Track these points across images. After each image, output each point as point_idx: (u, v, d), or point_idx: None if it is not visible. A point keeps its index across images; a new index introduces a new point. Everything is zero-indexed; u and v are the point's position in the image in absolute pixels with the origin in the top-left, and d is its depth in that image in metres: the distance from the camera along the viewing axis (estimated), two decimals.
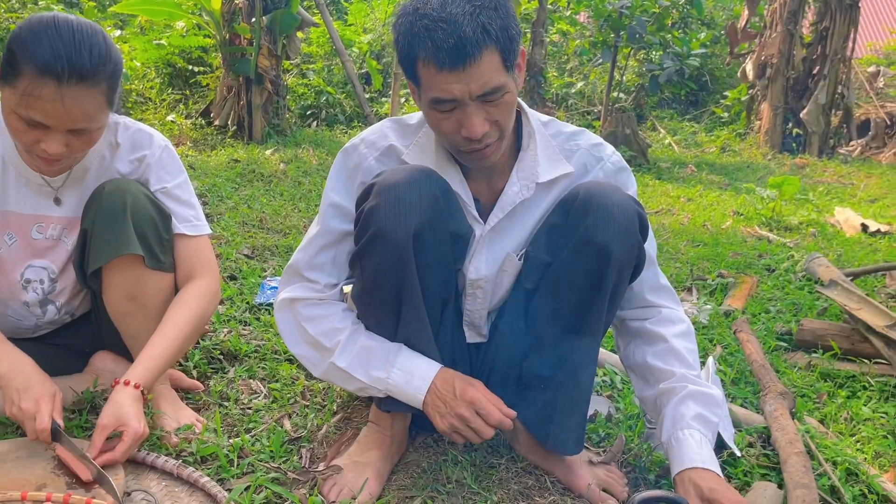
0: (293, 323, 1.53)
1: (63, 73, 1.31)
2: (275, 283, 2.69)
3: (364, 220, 1.38)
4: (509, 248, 1.54)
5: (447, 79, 1.27)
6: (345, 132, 7.35)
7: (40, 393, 1.44)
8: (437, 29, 1.24)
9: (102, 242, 1.53)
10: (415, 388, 1.43)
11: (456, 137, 1.36)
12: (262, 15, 6.06)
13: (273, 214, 3.76)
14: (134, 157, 1.64)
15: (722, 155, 7.91)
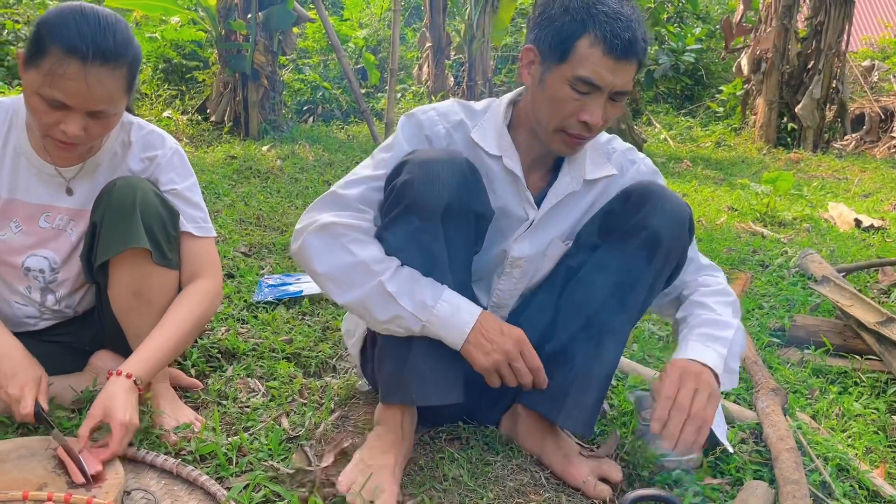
0: (333, 243, 1.47)
1: (88, 53, 1.37)
2: (272, 281, 2.71)
3: (397, 194, 1.44)
4: (553, 234, 1.65)
5: (607, 65, 1.40)
6: (341, 128, 7.36)
7: (25, 378, 1.49)
8: (617, 19, 1.39)
9: (111, 236, 1.56)
10: (461, 320, 1.43)
11: (571, 120, 1.47)
12: (257, 11, 6.06)
13: (270, 212, 3.77)
14: (145, 156, 1.67)
15: (717, 150, 7.93)
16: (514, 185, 1.61)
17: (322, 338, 2.30)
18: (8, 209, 1.61)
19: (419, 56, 8.71)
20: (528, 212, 1.63)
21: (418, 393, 1.49)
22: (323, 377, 2.08)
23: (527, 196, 1.62)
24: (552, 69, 1.47)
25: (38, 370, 1.54)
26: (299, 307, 2.54)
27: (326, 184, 4.62)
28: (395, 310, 1.44)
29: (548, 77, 1.48)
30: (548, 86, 1.48)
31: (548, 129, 1.52)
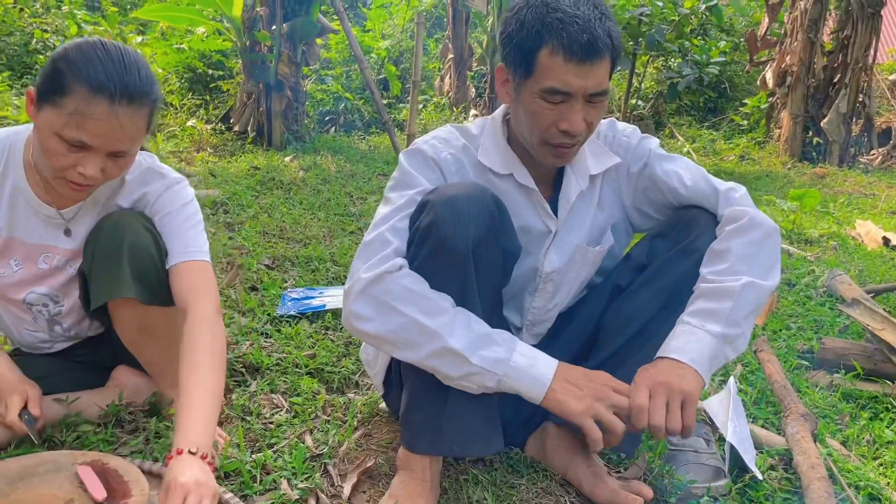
0: (378, 304, 1.39)
1: (115, 93, 1.33)
2: (296, 295, 2.71)
3: (422, 234, 1.40)
4: (576, 240, 1.64)
5: (571, 71, 1.38)
6: (362, 138, 7.39)
7: (10, 392, 1.52)
8: (572, 23, 1.36)
9: (98, 285, 1.53)
10: (540, 372, 1.38)
11: (551, 130, 1.45)
12: (282, 22, 6.10)
13: (293, 224, 3.79)
14: (138, 193, 1.62)
15: (741, 163, 7.86)
16: (529, 200, 1.61)
17: (345, 353, 2.30)
18: (8, 247, 1.58)
19: (441, 67, 8.74)
20: (548, 223, 1.62)
21: (459, 444, 1.46)
22: (346, 393, 2.07)
23: (544, 207, 1.60)
24: (522, 85, 1.45)
25: (24, 385, 1.56)
26: (322, 321, 2.54)
27: (349, 195, 4.63)
28: (467, 367, 1.37)
29: (521, 93, 1.47)
30: (522, 102, 1.47)
31: (533, 143, 1.50)
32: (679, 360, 1.38)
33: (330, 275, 3.06)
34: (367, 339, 1.47)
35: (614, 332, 1.61)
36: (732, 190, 1.56)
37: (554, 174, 1.65)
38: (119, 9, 9.94)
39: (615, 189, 1.68)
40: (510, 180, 1.60)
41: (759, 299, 1.45)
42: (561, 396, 1.37)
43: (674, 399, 1.33)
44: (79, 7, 8.22)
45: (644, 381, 1.37)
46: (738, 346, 1.45)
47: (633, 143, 1.66)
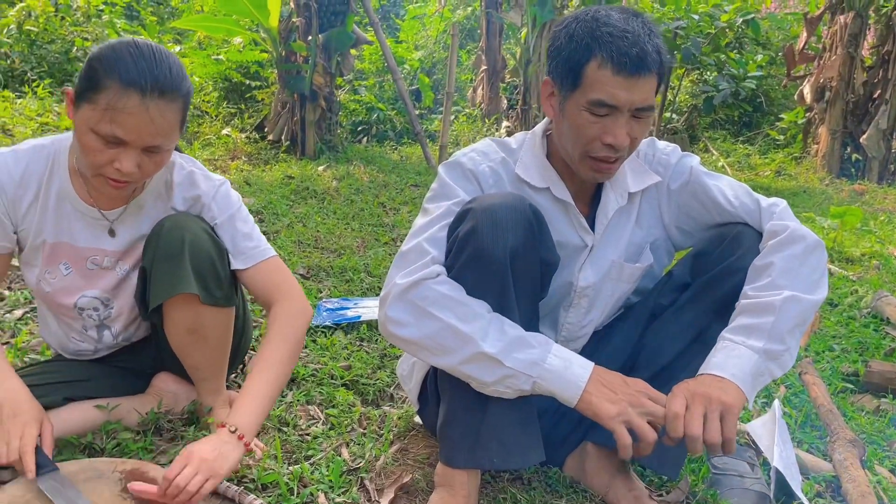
0: (413, 309, 1.40)
1: (146, 86, 1.35)
2: (331, 305, 2.71)
3: (460, 243, 1.40)
4: (612, 255, 1.62)
5: (619, 84, 1.38)
6: (394, 148, 7.41)
7: (27, 418, 1.43)
8: (622, 37, 1.37)
9: (161, 281, 1.54)
10: (575, 374, 1.36)
11: (595, 144, 1.44)
12: (318, 33, 6.16)
13: (327, 234, 3.80)
14: (189, 196, 1.64)
15: (777, 179, 7.74)
16: (566, 215, 1.60)
17: (380, 365, 2.29)
18: (56, 252, 1.60)
19: (473, 78, 8.75)
20: (584, 238, 1.61)
21: (499, 456, 1.44)
22: (381, 406, 2.06)
23: (581, 222, 1.59)
24: (568, 98, 1.46)
25: (41, 413, 1.48)
26: (357, 332, 2.53)
27: (381, 206, 4.64)
28: (501, 371, 1.36)
29: (566, 106, 1.47)
30: (567, 114, 1.47)
31: (574, 157, 1.50)
32: (720, 376, 1.35)
33: (364, 285, 3.06)
34: (402, 344, 1.46)
35: (655, 353, 1.59)
36: (774, 205, 1.54)
37: (592, 191, 1.64)
38: (157, 18, 10.13)
39: (654, 207, 1.66)
40: (547, 194, 1.59)
41: (804, 314, 1.40)
42: (595, 399, 1.35)
43: (712, 410, 1.29)
44: (118, 16, 8.37)
45: (681, 391, 1.34)
46: (784, 363, 1.41)
47: (673, 162, 1.64)
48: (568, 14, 1.49)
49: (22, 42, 7.09)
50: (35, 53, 7.13)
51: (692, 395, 1.32)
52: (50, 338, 1.79)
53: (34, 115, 5.78)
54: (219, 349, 1.65)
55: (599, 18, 1.41)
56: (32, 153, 1.55)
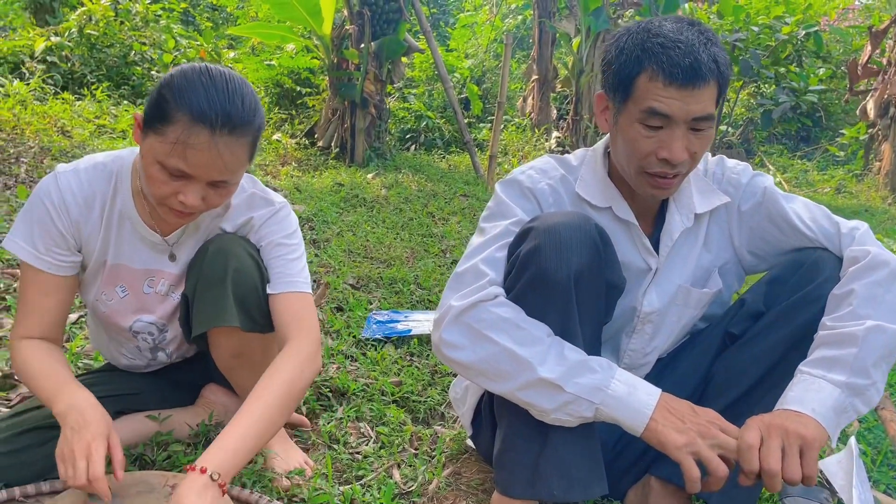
0: (469, 332, 1.35)
1: (217, 121, 1.29)
2: (381, 317, 2.67)
3: (522, 263, 1.35)
4: (678, 279, 1.55)
5: (671, 94, 1.32)
6: (442, 157, 7.39)
7: (94, 433, 1.32)
8: (673, 47, 1.32)
9: (202, 311, 1.51)
10: (640, 401, 1.28)
11: (650, 159, 1.38)
12: (370, 41, 6.17)
13: (377, 243, 3.77)
14: (243, 219, 1.59)
15: (836, 196, 7.49)
16: (629, 236, 1.53)
17: (431, 382, 2.24)
18: (114, 274, 1.57)
19: (523, 88, 8.69)
20: (648, 261, 1.54)
21: (560, 488, 1.36)
22: (432, 425, 2.01)
23: (644, 244, 1.53)
24: (621, 111, 1.40)
25: (108, 426, 1.38)
26: (408, 347, 2.49)
27: (430, 215, 4.60)
28: (562, 397, 1.29)
29: (619, 120, 1.42)
30: (621, 129, 1.42)
31: (630, 173, 1.44)
32: (798, 411, 1.25)
33: (414, 298, 3.01)
34: (457, 368, 1.41)
35: (726, 385, 1.50)
36: (854, 228, 1.44)
37: (656, 210, 1.57)
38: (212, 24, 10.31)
39: (724, 229, 1.58)
40: (609, 214, 1.53)
41: (890, 345, 1.30)
42: (661, 428, 1.26)
43: (790, 443, 1.19)
44: (175, 21, 8.53)
45: (755, 423, 1.24)
46: (870, 398, 1.30)
47: (744, 181, 1.56)
48: (622, 26, 1.43)
49: (82, 46, 7.26)
50: (94, 57, 7.29)
51: (768, 427, 1.22)
52: (101, 349, 1.78)
53: (92, 118, 5.90)
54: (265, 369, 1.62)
55: (651, 29, 1.37)
56: (94, 172, 1.51)
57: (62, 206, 1.46)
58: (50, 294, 1.50)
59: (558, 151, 7.08)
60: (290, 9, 6.19)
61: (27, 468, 1.47)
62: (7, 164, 4.19)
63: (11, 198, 3.59)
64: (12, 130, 4.89)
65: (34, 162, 4.32)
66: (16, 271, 2.65)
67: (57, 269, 1.49)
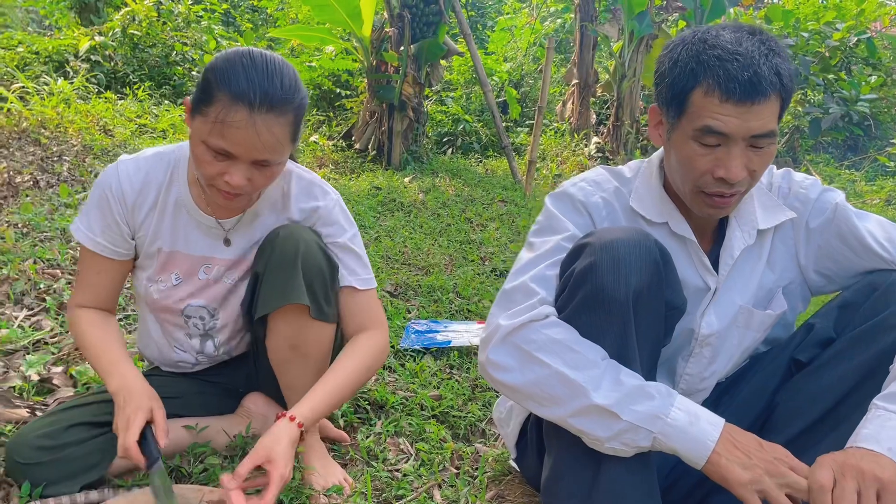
0: (519, 354, 1.29)
1: (255, 100, 1.31)
2: (419, 327, 2.61)
3: (576, 280, 1.27)
4: (739, 300, 1.46)
5: (728, 111, 1.24)
6: (479, 161, 7.31)
7: (134, 408, 1.42)
8: (731, 60, 1.23)
9: (272, 290, 1.51)
10: (702, 431, 1.20)
11: (706, 178, 1.31)
12: (410, 43, 6.12)
13: (415, 249, 3.71)
14: (307, 207, 1.62)
15: (886, 208, 7.24)
16: (686, 253, 1.45)
17: (471, 397, 2.17)
18: (169, 262, 1.60)
19: (563, 92, 8.58)
20: (707, 280, 1.45)
21: None
22: (473, 442, 1.94)
23: (703, 261, 1.44)
24: (674, 127, 1.32)
25: (151, 401, 1.46)
26: (447, 358, 2.42)
27: (468, 221, 4.53)
28: (618, 426, 1.22)
29: (673, 136, 1.33)
30: (675, 145, 1.33)
31: (685, 192, 1.36)
32: (873, 450, 1.15)
33: (453, 307, 2.95)
34: (504, 390, 1.34)
35: (793, 415, 1.40)
36: None
37: (715, 226, 1.49)
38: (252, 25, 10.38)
39: (789, 247, 1.48)
40: (664, 229, 1.45)
41: None
42: (725, 462, 1.17)
43: (867, 486, 1.09)
44: (216, 22, 8.60)
45: (827, 462, 1.14)
46: None
47: (813, 197, 1.47)
48: (677, 34, 1.34)
49: (125, 45, 7.34)
50: (137, 56, 7.38)
51: (841, 467, 1.13)
52: (149, 349, 1.76)
53: (133, 117, 5.95)
54: (317, 369, 1.59)
55: (708, 40, 1.27)
56: (153, 161, 1.56)
57: (119, 193, 1.53)
58: (103, 273, 1.59)
59: (598, 157, 6.97)
60: (330, 11, 6.18)
61: (69, 464, 1.47)
62: (50, 162, 4.23)
63: (53, 196, 3.62)
64: (56, 129, 4.94)
65: (76, 160, 4.35)
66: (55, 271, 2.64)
67: (111, 253, 1.57)
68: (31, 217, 3.12)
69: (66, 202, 3.53)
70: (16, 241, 2.82)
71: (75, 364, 2.01)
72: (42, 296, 2.43)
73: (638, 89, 7.10)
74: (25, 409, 1.77)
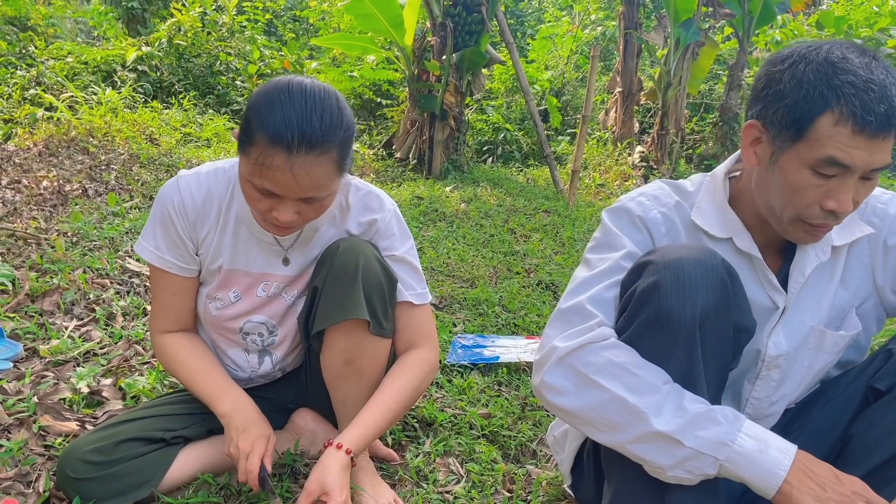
0: (576, 377, 1.24)
1: (293, 142, 1.26)
2: (466, 342, 2.56)
3: (638, 300, 1.21)
4: (810, 320, 1.38)
5: (858, 144, 1.15)
6: (520, 170, 7.26)
7: (256, 434, 1.46)
8: (867, 90, 1.13)
9: (331, 304, 1.48)
10: (772, 459, 1.13)
11: (814, 209, 1.22)
12: (452, 52, 6.10)
13: (458, 260, 3.67)
14: (364, 220, 1.59)
15: None
16: (751, 270, 1.37)
17: (521, 416, 2.11)
18: (229, 279, 1.58)
19: (606, 100, 8.48)
20: (775, 299, 1.37)
21: None
22: (524, 464, 1.88)
23: (770, 279, 1.36)
24: (786, 150, 1.21)
25: (268, 429, 1.51)
26: (495, 375, 2.36)
27: (511, 232, 4.48)
28: (681, 453, 1.15)
29: (781, 159, 1.23)
30: (782, 169, 1.23)
31: (782, 217, 1.27)
32: None
33: (499, 321, 2.89)
34: (561, 414, 1.28)
35: (870, 447, 1.31)
36: None
37: (783, 242, 1.40)
38: (294, 34, 10.48)
39: (865, 265, 1.40)
40: (728, 245, 1.37)
41: None
42: (797, 493, 1.10)
43: None
44: (259, 32, 8.70)
45: None
46: None
47: (892, 212, 1.38)
48: (789, 46, 1.25)
49: (171, 55, 7.46)
50: (182, 66, 7.49)
51: None
52: None
53: (178, 126, 6.03)
54: (371, 385, 1.56)
55: (835, 62, 1.17)
56: (214, 177, 1.54)
57: (181, 207, 1.51)
58: (177, 293, 1.58)
59: (642, 166, 6.85)
60: (373, 20, 6.19)
61: (120, 480, 1.46)
62: (98, 170, 4.29)
63: (102, 205, 3.66)
64: (103, 137, 5.02)
65: (123, 169, 4.41)
66: (104, 281, 2.66)
67: (179, 269, 1.56)
68: (81, 226, 3.16)
69: (114, 211, 3.57)
70: (66, 250, 2.84)
71: (124, 376, 2.01)
72: (91, 306, 2.44)
73: (683, 97, 6.98)
74: (75, 421, 1.76)
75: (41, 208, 3.44)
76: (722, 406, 1.20)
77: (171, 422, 1.58)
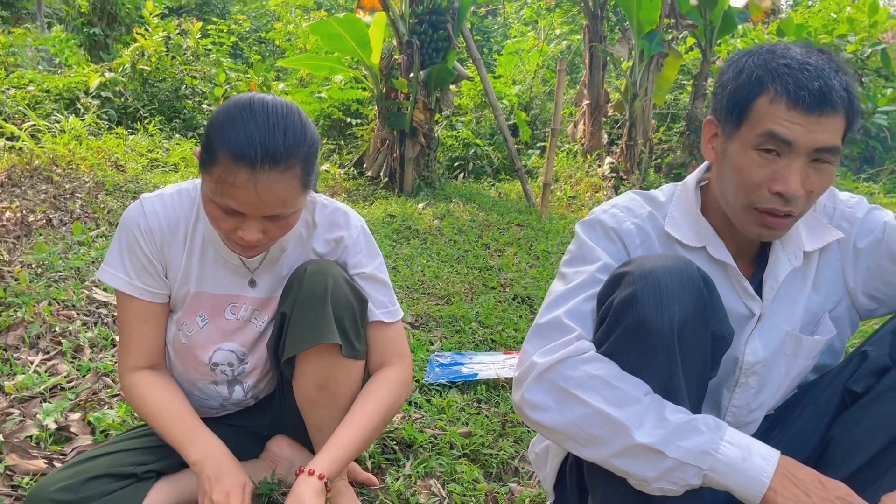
0: (556, 393, 1.22)
1: (256, 159, 1.24)
2: (443, 360, 2.54)
3: (616, 312, 1.20)
4: (785, 326, 1.38)
5: (794, 118, 1.17)
6: (492, 184, 7.27)
7: (230, 483, 1.40)
8: (802, 70, 1.17)
9: (301, 329, 1.45)
10: (755, 466, 1.11)
11: (762, 192, 1.23)
12: (419, 70, 6.11)
13: (433, 278, 3.64)
14: (331, 238, 1.56)
15: None
16: (726, 278, 1.36)
17: (502, 433, 2.09)
18: (196, 303, 1.54)
19: (573, 113, 8.54)
20: (750, 306, 1.37)
21: None
22: (506, 482, 1.86)
23: (745, 287, 1.36)
24: (732, 137, 1.25)
25: (243, 475, 1.44)
26: (474, 392, 2.34)
27: (485, 247, 4.47)
28: (664, 464, 1.13)
29: (729, 147, 1.26)
30: (730, 157, 1.26)
31: (736, 207, 1.28)
32: None
33: (476, 337, 2.87)
34: (543, 431, 1.26)
35: (850, 450, 1.31)
36: None
37: (756, 249, 1.41)
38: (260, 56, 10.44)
39: (836, 269, 1.40)
40: (702, 254, 1.37)
41: None
42: (781, 500, 1.09)
43: None
44: (224, 55, 8.65)
45: (893, 501, 1.08)
46: None
47: (860, 215, 1.39)
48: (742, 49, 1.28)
49: (135, 81, 7.38)
50: (147, 91, 7.42)
51: None
52: None
53: (145, 151, 5.95)
54: (345, 408, 1.53)
55: (776, 51, 1.22)
56: (178, 198, 1.51)
57: (147, 230, 1.47)
58: (150, 321, 1.52)
59: (612, 177, 6.89)
60: (339, 40, 6.19)
61: None
62: (62, 199, 4.21)
63: (66, 234, 3.58)
64: (67, 165, 4.93)
65: (89, 197, 4.33)
66: (70, 313, 2.59)
67: (151, 296, 1.50)
68: (45, 257, 3.08)
69: (79, 240, 3.49)
70: (30, 281, 2.77)
71: (93, 410, 1.95)
72: (58, 339, 2.37)
73: (650, 108, 7.05)
74: (43, 459, 1.70)
75: (3, 240, 3.35)
76: (703, 415, 1.19)
77: (143, 455, 1.53)
